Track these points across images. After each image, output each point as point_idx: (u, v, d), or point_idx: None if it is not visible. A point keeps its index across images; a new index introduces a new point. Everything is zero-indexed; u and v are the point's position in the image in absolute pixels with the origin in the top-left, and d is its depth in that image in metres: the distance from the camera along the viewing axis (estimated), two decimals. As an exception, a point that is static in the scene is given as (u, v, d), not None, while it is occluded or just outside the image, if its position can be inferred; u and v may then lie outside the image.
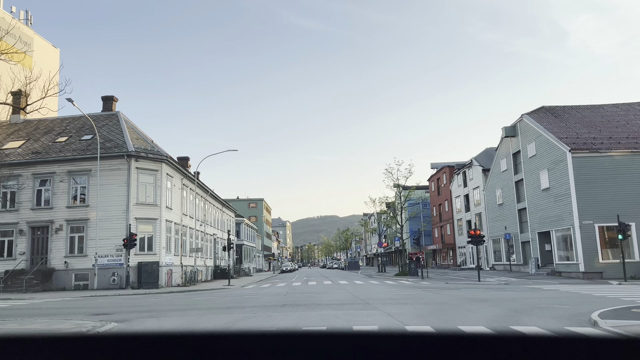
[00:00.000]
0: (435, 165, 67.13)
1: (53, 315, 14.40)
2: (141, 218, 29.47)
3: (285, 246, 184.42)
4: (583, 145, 31.42)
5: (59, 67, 43.82)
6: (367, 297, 18.20)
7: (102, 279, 28.13)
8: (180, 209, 35.09)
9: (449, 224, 61.30)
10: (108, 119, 34.10)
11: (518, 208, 40.26)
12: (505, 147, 41.86)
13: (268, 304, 16.18)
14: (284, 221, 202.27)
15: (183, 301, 19.06)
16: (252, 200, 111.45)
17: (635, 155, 30.84)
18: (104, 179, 29.27)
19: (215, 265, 46.61)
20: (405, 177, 46.96)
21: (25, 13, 44.98)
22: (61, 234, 29.22)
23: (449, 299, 16.69)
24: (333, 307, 14.76)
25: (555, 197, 33.04)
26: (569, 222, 31.07)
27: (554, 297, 17.08)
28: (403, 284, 30.01)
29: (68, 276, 28.62)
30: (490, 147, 52.77)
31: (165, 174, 31.49)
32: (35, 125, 35.19)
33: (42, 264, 28.89)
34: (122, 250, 28.27)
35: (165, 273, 30.84)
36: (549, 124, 34.93)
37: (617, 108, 37.98)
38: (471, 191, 53.14)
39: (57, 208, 29.58)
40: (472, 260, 53.02)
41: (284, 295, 20.59)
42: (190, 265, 36.55)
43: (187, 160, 46.98)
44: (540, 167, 35.04)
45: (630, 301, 14.67)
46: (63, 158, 29.96)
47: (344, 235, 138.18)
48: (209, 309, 15.15)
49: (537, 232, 36.48)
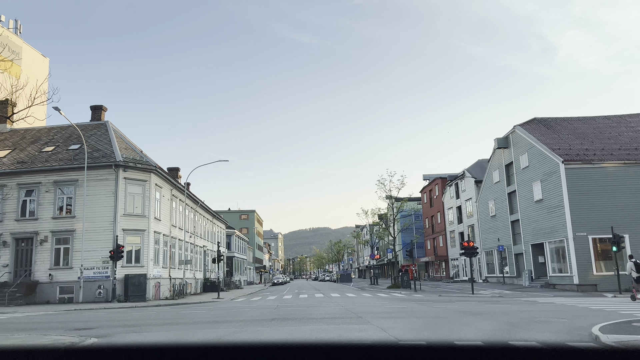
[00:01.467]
0: (428, 177, 66.98)
1: (32, 330, 13.80)
2: (129, 229, 28.86)
3: (277, 258, 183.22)
4: (576, 156, 31.31)
5: (47, 75, 43.45)
6: (360, 311, 17.74)
7: (87, 292, 27.42)
8: (169, 220, 34.49)
9: (442, 236, 61.00)
10: (96, 128, 33.58)
11: (511, 220, 40.03)
12: (498, 159, 41.73)
13: (257, 318, 15.67)
14: (275, 233, 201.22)
15: (169, 315, 18.49)
16: (244, 212, 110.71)
17: (628, 166, 30.75)
18: (91, 189, 28.69)
19: (204, 278, 45.88)
20: (398, 189, 46.76)
21: (14, 22, 44.53)
22: (46, 245, 28.52)
23: (444, 313, 16.27)
24: (324, 321, 14.29)
25: (548, 209, 32.83)
26: (562, 233, 30.83)
27: (550, 310, 16.72)
28: (396, 296, 29.55)
29: (52, 289, 27.88)
30: (483, 159, 52.71)
31: (154, 185, 30.95)
32: (22, 135, 34.58)
33: (25, 277, 28.13)
34: (108, 263, 27.62)
35: (153, 286, 30.17)
36: (542, 135, 34.85)
37: (609, 120, 38.05)
38: (464, 203, 52.92)
39: (43, 219, 28.90)
40: (465, 273, 52.66)
41: (274, 309, 20.07)
42: (179, 278, 35.87)
43: (178, 170, 46.45)
44: (533, 178, 34.88)
45: (629, 314, 14.34)
46: (49, 168, 29.35)
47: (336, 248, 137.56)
48: (195, 323, 14.62)
49: (530, 244, 36.21)
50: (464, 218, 52.97)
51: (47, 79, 41.99)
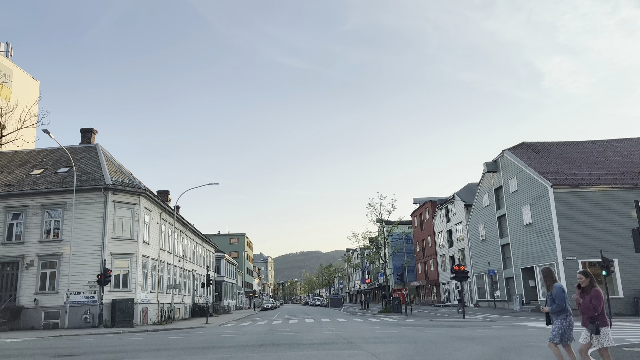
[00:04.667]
0: (418, 200, 67.18)
1: (15, 357, 13.48)
2: (117, 253, 28.51)
3: (266, 283, 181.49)
4: (564, 180, 31.63)
5: (38, 98, 43.39)
6: (350, 336, 17.55)
7: (73, 317, 26.90)
8: (158, 244, 34.15)
9: (432, 260, 60.90)
10: (86, 151, 33.42)
11: (501, 243, 40.12)
12: (487, 183, 42.03)
13: (246, 344, 15.44)
14: (265, 257, 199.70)
15: (157, 341, 18.15)
16: (234, 236, 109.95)
17: (615, 191, 31.10)
18: (80, 212, 28.39)
19: (193, 303, 45.27)
20: (389, 212, 46.78)
21: (5, 45, 44.59)
22: (32, 269, 28.03)
23: (435, 337, 16.14)
24: (314, 347, 14.11)
25: (538, 233, 32.98)
26: (552, 257, 30.93)
27: (541, 334, 16.64)
28: (387, 321, 29.30)
29: (37, 314, 27.30)
30: (472, 183, 53.08)
31: (143, 208, 30.71)
32: (10, 157, 34.30)
33: (10, 302, 27.55)
34: (95, 287, 27.18)
35: (141, 311, 29.68)
36: (530, 160, 35.23)
37: (596, 145, 38.61)
38: (454, 226, 53.03)
39: (29, 243, 28.47)
40: (455, 297, 52.44)
41: (264, 334, 19.80)
42: (167, 303, 35.36)
43: (167, 194, 46.20)
44: (522, 202, 35.11)
45: (620, 339, 14.31)
46: (37, 191, 29.04)
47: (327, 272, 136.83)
48: (183, 349, 14.35)
49: (520, 268, 36.25)
50: (454, 242, 53.00)
51: (37, 101, 42.09)
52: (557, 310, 7.83)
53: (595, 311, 7.38)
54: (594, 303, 7.39)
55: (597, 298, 7.40)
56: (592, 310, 7.40)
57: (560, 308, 7.78)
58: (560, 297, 7.81)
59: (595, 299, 7.41)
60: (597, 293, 7.45)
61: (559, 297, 7.81)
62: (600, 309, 7.38)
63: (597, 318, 7.40)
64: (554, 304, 7.86)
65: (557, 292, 7.83)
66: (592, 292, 7.51)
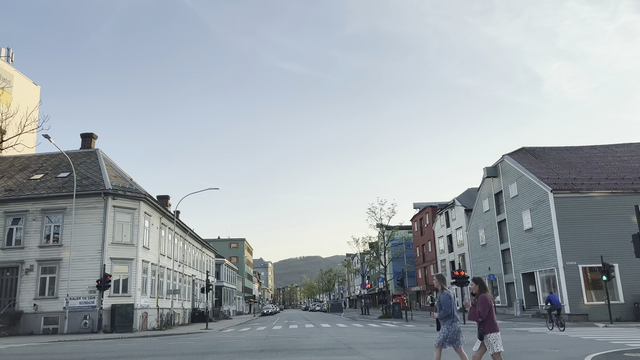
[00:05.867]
0: (418, 205, 67.14)
1: (14, 363, 13.44)
2: (116, 258, 28.47)
3: (266, 288, 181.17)
4: (564, 185, 31.61)
5: (38, 103, 43.44)
6: (350, 341, 17.50)
7: (73, 322, 26.83)
8: (158, 249, 34.12)
9: (433, 265, 60.79)
10: (86, 156, 33.45)
11: (501, 249, 40.06)
12: (487, 188, 42.01)
13: (246, 349, 15.39)
14: (265, 262, 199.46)
15: (156, 346, 18.10)
16: (233, 241, 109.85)
17: (615, 196, 31.07)
18: (79, 217, 28.38)
19: (193, 308, 45.16)
20: (389, 217, 46.78)
21: (6, 50, 44.69)
22: (32, 274, 27.99)
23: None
24: (314, 352, 14.07)
25: (538, 238, 32.94)
26: (552, 263, 30.87)
27: (541, 340, 16.61)
28: (387, 326, 29.23)
29: (37, 320, 27.24)
30: (472, 187, 53.06)
31: (143, 213, 30.70)
32: (10, 162, 34.32)
33: (9, 307, 27.50)
34: (95, 292, 27.12)
35: (140, 316, 29.61)
36: (530, 165, 35.23)
37: (596, 150, 38.62)
38: (454, 231, 52.97)
39: (29, 248, 28.45)
40: (456, 302, 52.31)
41: (264, 340, 19.74)
42: (167, 308, 35.29)
43: (167, 199, 46.17)
44: (523, 207, 35.08)
45: (621, 344, 14.27)
46: (37, 196, 29.04)
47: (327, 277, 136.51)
48: (182, 355, 14.31)
49: (521, 273, 36.18)
50: (454, 247, 52.93)
51: (38, 106, 42.12)
52: (444, 316, 8.06)
53: (481, 317, 7.45)
54: (479, 309, 7.46)
55: (483, 304, 7.45)
56: (477, 316, 7.48)
57: (446, 314, 8.01)
58: (446, 303, 8.05)
59: (481, 305, 7.47)
60: (483, 299, 7.50)
61: (445, 303, 8.05)
62: (485, 315, 7.42)
63: (483, 324, 7.47)
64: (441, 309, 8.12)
65: (444, 299, 8.07)
66: (479, 298, 7.58)
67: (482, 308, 7.41)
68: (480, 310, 7.42)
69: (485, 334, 7.43)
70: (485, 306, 7.41)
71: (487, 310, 7.40)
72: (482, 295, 7.55)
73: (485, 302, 7.44)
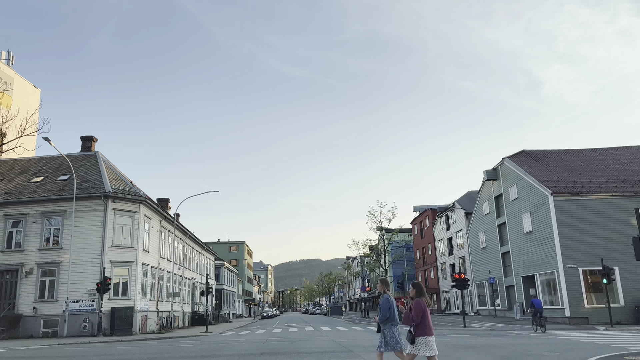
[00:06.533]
0: (418, 208, 67.12)
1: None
2: (116, 261, 28.45)
3: (266, 291, 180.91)
4: (564, 188, 31.60)
5: (38, 106, 43.47)
6: (350, 345, 17.47)
7: (72, 325, 26.79)
8: (158, 252, 34.09)
9: (433, 268, 60.74)
10: (86, 159, 33.46)
11: (502, 252, 40.03)
12: (487, 191, 42.00)
13: (245, 353, 15.36)
14: (265, 265, 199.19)
15: (156, 349, 18.06)
16: (233, 243, 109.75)
17: (615, 199, 31.06)
18: (79, 220, 28.37)
19: (193, 311, 45.11)
20: (389, 220, 46.81)
21: (7, 54, 44.77)
22: (31, 277, 27.96)
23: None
24: (314, 355, 14.04)
25: (538, 241, 32.91)
26: (552, 266, 30.84)
27: (542, 343, 16.58)
28: (387, 330, 29.11)
29: (36, 323, 27.20)
30: (472, 190, 53.06)
31: (143, 216, 30.68)
32: (11, 165, 34.33)
33: (9, 310, 27.47)
34: (95, 295, 27.09)
35: (140, 319, 29.57)
36: (530, 168, 35.22)
37: (596, 153, 38.63)
38: (454, 234, 52.94)
39: (29, 250, 28.43)
40: (456, 305, 52.29)
41: (263, 343, 19.71)
42: (167, 311, 35.24)
43: (167, 201, 46.19)
44: (523, 210, 35.06)
45: (621, 348, 14.24)
46: (37, 199, 29.03)
47: (327, 280, 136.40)
48: (182, 358, 14.28)
49: (521, 276, 36.13)
50: (454, 250, 52.89)
51: (38, 109, 42.16)
52: (383, 320, 8.17)
53: (414, 321, 7.57)
54: (413, 313, 7.59)
55: (417, 309, 7.57)
56: (410, 320, 7.61)
57: (385, 317, 8.12)
58: (385, 307, 8.17)
59: (415, 309, 7.59)
60: (417, 304, 7.62)
61: (383, 307, 8.18)
62: (418, 319, 7.53)
63: (416, 328, 7.59)
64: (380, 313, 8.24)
65: (383, 303, 8.20)
66: (414, 302, 7.70)
67: (416, 312, 7.55)
68: (413, 314, 7.57)
69: (417, 337, 7.57)
70: (418, 310, 7.55)
71: (420, 315, 7.54)
72: (416, 299, 7.69)
73: (418, 306, 7.58)
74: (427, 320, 7.57)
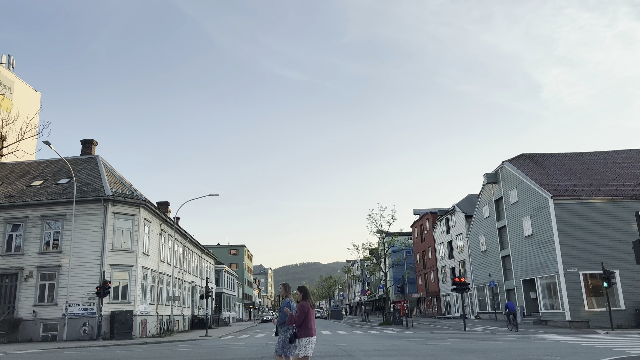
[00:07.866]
0: (418, 212, 67.10)
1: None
2: (116, 265, 28.40)
3: (266, 294, 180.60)
4: (564, 192, 31.58)
5: (39, 110, 43.50)
6: (350, 349, 17.42)
7: (72, 329, 26.72)
8: (158, 256, 34.04)
9: (433, 271, 60.65)
10: (86, 162, 33.44)
11: (502, 255, 39.98)
12: (487, 194, 41.99)
13: (246, 356, 15.32)
14: (265, 268, 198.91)
15: (156, 353, 18.02)
16: (233, 247, 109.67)
17: (615, 202, 31.04)
18: (79, 223, 28.33)
19: (192, 315, 45.02)
20: (389, 223, 46.65)
21: (7, 57, 44.83)
22: (31, 281, 27.91)
23: (436, 350, 16.02)
24: (314, 359, 13.99)
25: (538, 244, 32.87)
26: (553, 269, 30.80)
27: (542, 347, 16.53)
28: (387, 333, 29.10)
29: (36, 326, 27.13)
30: (472, 194, 53.05)
31: (143, 219, 30.66)
32: (10, 169, 34.32)
33: (8, 314, 27.41)
34: (94, 299, 27.03)
35: (140, 323, 29.51)
36: (530, 171, 35.21)
37: (596, 156, 38.63)
38: (454, 238, 52.89)
39: (28, 254, 28.38)
40: (456, 309, 52.19)
41: (263, 347, 19.66)
42: (167, 315, 35.17)
43: (167, 205, 46.11)
44: (523, 213, 35.04)
45: (622, 351, 14.20)
46: (37, 202, 29.01)
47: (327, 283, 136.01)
48: (182, 362, 14.24)
49: (521, 279, 36.09)
50: (454, 253, 52.83)
51: (38, 113, 42.18)
52: (280, 323, 8.47)
53: (296, 323, 7.92)
54: (296, 316, 7.93)
55: (300, 311, 7.94)
56: (293, 321, 7.95)
57: (282, 321, 8.40)
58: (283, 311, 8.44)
59: (298, 311, 7.96)
60: (300, 307, 7.98)
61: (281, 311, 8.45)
62: (300, 321, 7.88)
63: (298, 329, 7.94)
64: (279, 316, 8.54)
65: (283, 306, 8.43)
66: (298, 305, 8.05)
67: (299, 315, 7.90)
68: (296, 317, 7.90)
69: (298, 338, 7.92)
70: (301, 313, 7.90)
71: (302, 317, 7.89)
72: (301, 302, 8.03)
73: (302, 309, 7.94)
74: (309, 322, 7.95)
